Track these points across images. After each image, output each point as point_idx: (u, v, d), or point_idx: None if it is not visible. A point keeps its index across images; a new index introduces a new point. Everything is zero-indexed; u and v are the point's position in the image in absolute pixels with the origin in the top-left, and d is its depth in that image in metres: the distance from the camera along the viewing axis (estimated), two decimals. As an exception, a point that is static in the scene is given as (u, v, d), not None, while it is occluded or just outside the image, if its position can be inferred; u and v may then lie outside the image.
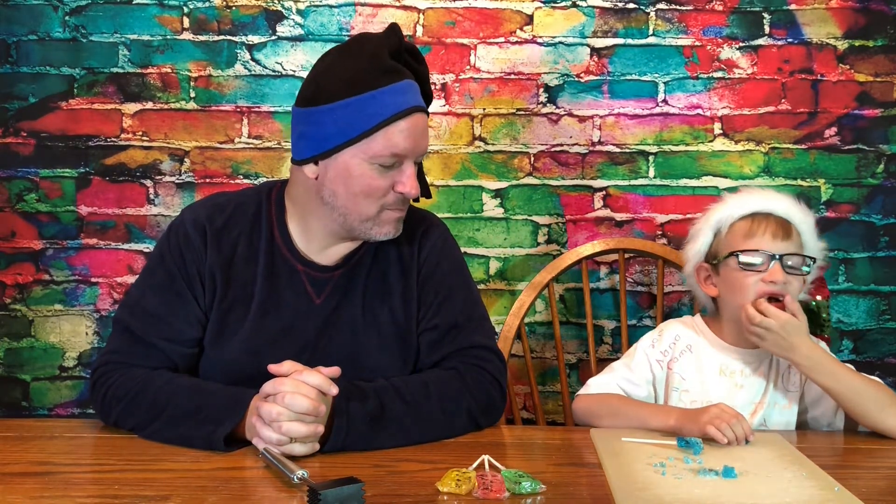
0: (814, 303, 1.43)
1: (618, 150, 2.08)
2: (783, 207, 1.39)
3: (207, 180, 2.08)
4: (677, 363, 1.43)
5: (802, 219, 1.40)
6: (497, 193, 2.09)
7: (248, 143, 2.08)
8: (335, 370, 1.17)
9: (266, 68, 2.07)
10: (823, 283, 1.55)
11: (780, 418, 1.39)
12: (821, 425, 1.40)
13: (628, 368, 1.44)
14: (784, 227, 1.37)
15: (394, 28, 1.28)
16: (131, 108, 2.07)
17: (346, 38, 2.04)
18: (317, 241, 1.36)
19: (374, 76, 1.24)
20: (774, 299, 1.33)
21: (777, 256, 1.35)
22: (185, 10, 2.06)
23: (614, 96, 2.08)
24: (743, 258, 1.36)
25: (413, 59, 1.30)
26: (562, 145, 2.08)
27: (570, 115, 2.08)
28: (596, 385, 1.42)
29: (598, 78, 2.08)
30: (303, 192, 1.33)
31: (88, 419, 1.34)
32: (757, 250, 1.36)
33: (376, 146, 1.24)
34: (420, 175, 1.36)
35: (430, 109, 1.38)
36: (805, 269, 1.37)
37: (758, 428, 1.36)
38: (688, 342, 1.44)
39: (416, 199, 1.36)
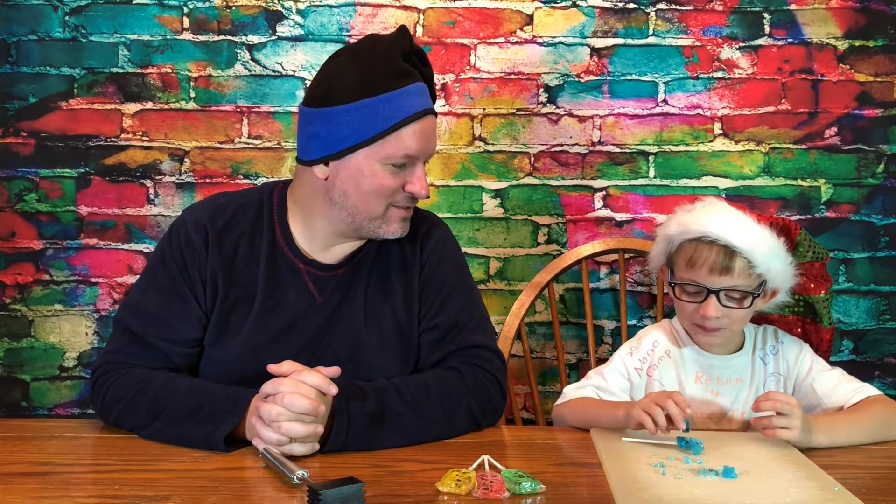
0: (809, 298, 1.43)
1: (618, 150, 2.08)
2: (729, 233, 1.31)
3: (207, 180, 2.08)
4: (657, 370, 1.42)
5: (752, 244, 1.31)
6: (497, 193, 2.09)
7: (248, 143, 2.08)
8: (335, 370, 1.17)
9: (266, 68, 2.07)
10: (825, 277, 1.52)
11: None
12: None
13: (602, 377, 1.42)
14: (724, 260, 1.31)
15: (404, 30, 1.29)
16: (131, 108, 2.07)
17: (346, 38, 2.06)
18: (320, 240, 1.36)
19: (387, 79, 1.24)
20: None
21: (713, 291, 1.32)
22: (185, 10, 2.06)
23: (614, 96, 2.08)
24: (678, 291, 1.37)
25: (420, 61, 1.30)
26: (562, 145, 2.08)
27: (570, 115, 2.08)
28: (571, 394, 1.41)
29: (598, 78, 2.07)
30: (309, 192, 1.33)
31: (88, 419, 1.34)
32: (694, 283, 1.34)
33: (389, 148, 1.25)
34: None
35: (431, 109, 1.39)
36: (752, 302, 1.33)
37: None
38: (666, 348, 1.43)
39: None
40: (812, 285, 1.43)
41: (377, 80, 1.24)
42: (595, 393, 1.40)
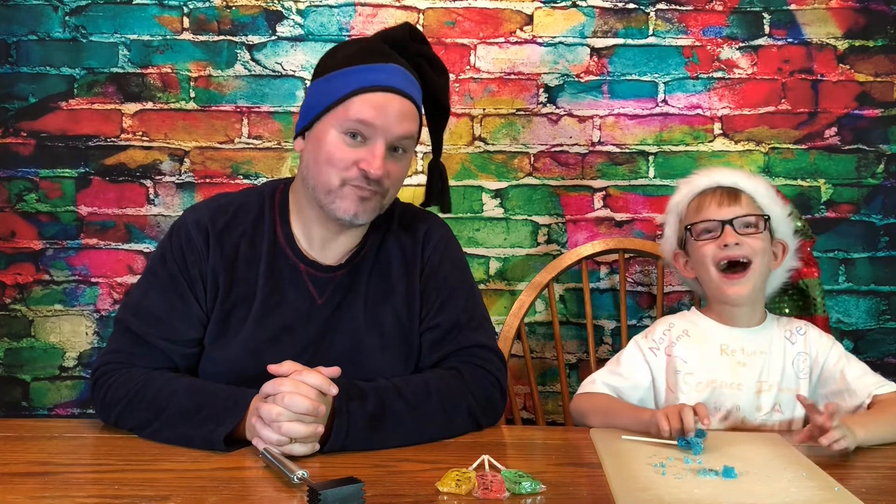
0: (802, 282, 1.45)
1: (618, 150, 2.08)
2: (730, 178, 1.44)
3: (207, 180, 2.08)
4: (676, 347, 1.44)
5: (752, 185, 1.44)
6: (497, 193, 2.09)
7: (247, 144, 2.08)
8: (335, 370, 1.17)
9: (266, 68, 2.07)
10: (813, 261, 1.56)
11: (790, 403, 1.40)
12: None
13: (617, 363, 1.46)
14: (730, 195, 1.42)
15: (405, 23, 1.34)
16: (131, 108, 2.07)
17: (346, 38, 2.06)
18: (317, 237, 1.36)
19: (362, 55, 1.29)
20: (736, 265, 1.39)
21: (727, 221, 1.39)
22: (185, 10, 2.06)
23: (614, 96, 2.08)
24: (695, 229, 1.43)
25: (431, 68, 1.33)
26: (562, 145, 2.08)
27: (570, 115, 2.08)
28: (589, 383, 1.44)
29: (598, 78, 2.07)
30: (299, 179, 1.36)
31: (88, 419, 1.34)
32: (707, 220, 1.41)
33: (342, 112, 1.27)
34: (439, 185, 1.42)
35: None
36: (765, 227, 1.40)
37: (771, 411, 1.38)
38: (684, 328, 1.46)
39: (427, 205, 1.43)
40: (805, 268, 1.48)
41: (353, 56, 1.29)
42: (611, 380, 1.42)
